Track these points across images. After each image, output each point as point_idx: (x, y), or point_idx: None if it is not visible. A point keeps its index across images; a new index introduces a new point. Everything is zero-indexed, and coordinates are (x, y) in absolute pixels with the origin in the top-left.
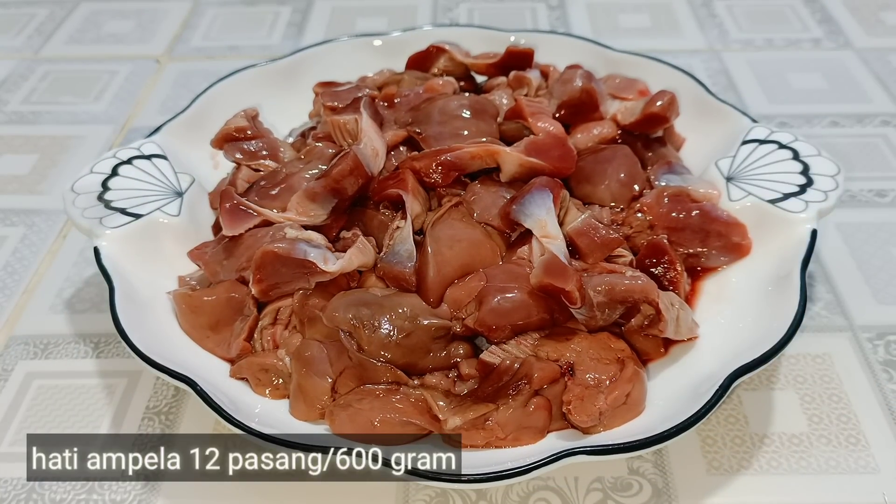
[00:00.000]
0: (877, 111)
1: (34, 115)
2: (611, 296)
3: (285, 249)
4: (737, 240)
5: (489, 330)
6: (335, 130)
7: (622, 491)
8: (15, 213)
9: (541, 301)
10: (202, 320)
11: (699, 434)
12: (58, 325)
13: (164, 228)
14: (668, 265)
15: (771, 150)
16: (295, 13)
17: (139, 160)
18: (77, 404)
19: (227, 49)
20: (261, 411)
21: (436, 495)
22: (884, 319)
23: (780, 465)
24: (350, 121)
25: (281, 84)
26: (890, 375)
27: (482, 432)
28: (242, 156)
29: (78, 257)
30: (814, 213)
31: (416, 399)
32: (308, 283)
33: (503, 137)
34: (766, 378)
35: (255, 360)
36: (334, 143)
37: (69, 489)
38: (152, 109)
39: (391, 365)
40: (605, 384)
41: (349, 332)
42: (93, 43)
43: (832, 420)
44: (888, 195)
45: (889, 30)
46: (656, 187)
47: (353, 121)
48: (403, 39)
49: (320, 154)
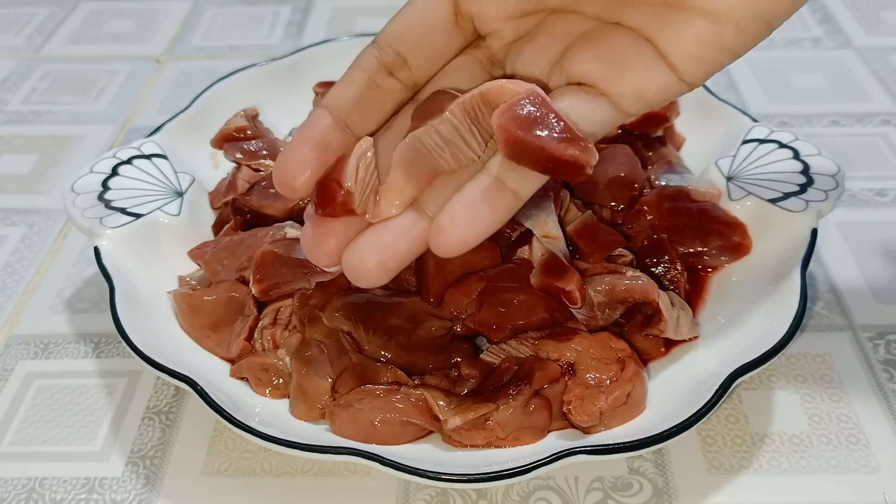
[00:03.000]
0: (877, 110)
1: (34, 114)
2: (611, 296)
3: (285, 249)
4: (737, 239)
5: (489, 330)
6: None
7: (622, 490)
8: (15, 212)
9: (541, 301)
10: (202, 320)
11: (699, 433)
12: (58, 324)
13: (165, 228)
14: (668, 265)
15: (771, 149)
16: (295, 13)
17: (139, 160)
18: (77, 404)
19: (227, 49)
20: (261, 411)
21: (436, 495)
22: (884, 319)
23: (781, 465)
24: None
25: (281, 84)
26: (890, 375)
27: (482, 432)
28: (243, 155)
29: (78, 257)
30: (814, 212)
31: (416, 399)
32: (308, 283)
33: None
34: (766, 377)
35: (255, 359)
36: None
37: (69, 489)
38: (152, 109)
39: (391, 365)
40: (606, 384)
41: (349, 333)
42: (93, 43)
43: (832, 420)
44: (888, 194)
45: (889, 29)
46: (657, 187)
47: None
48: None
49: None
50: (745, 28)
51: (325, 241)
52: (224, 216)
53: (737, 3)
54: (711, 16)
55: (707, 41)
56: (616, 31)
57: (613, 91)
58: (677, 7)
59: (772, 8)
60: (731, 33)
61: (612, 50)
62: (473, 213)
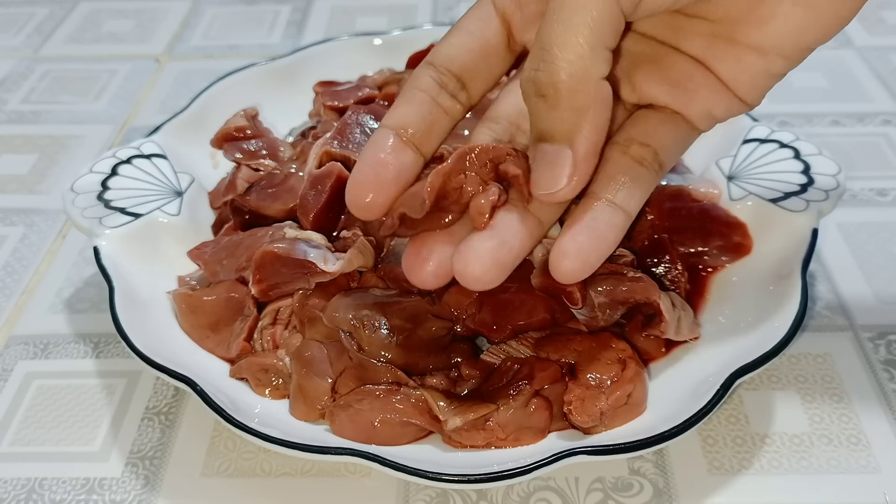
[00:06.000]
0: (878, 110)
1: (34, 114)
2: (612, 296)
3: (285, 249)
4: (738, 239)
5: (489, 330)
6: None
7: (623, 491)
8: (15, 212)
9: (541, 301)
10: (202, 320)
11: (700, 434)
12: (57, 325)
13: (164, 228)
14: (669, 265)
15: (772, 149)
16: (295, 12)
17: (139, 159)
18: (77, 404)
19: (227, 48)
20: (261, 411)
21: (436, 495)
22: (885, 319)
23: (781, 465)
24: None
25: (281, 83)
26: (891, 375)
27: (483, 433)
28: (242, 155)
29: (78, 257)
30: (815, 212)
31: (416, 399)
32: (308, 283)
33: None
34: (767, 378)
35: (255, 360)
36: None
37: (69, 489)
38: (152, 109)
39: (391, 365)
40: (607, 384)
41: (349, 333)
42: (92, 42)
43: (833, 420)
44: (889, 194)
45: (890, 28)
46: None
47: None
48: (404, 38)
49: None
50: (791, 57)
51: (426, 258)
52: (223, 216)
53: (785, 40)
54: (760, 51)
55: (757, 72)
56: (676, 57)
57: (686, 112)
58: (727, 40)
59: (817, 39)
60: (778, 63)
61: (678, 75)
62: (595, 235)
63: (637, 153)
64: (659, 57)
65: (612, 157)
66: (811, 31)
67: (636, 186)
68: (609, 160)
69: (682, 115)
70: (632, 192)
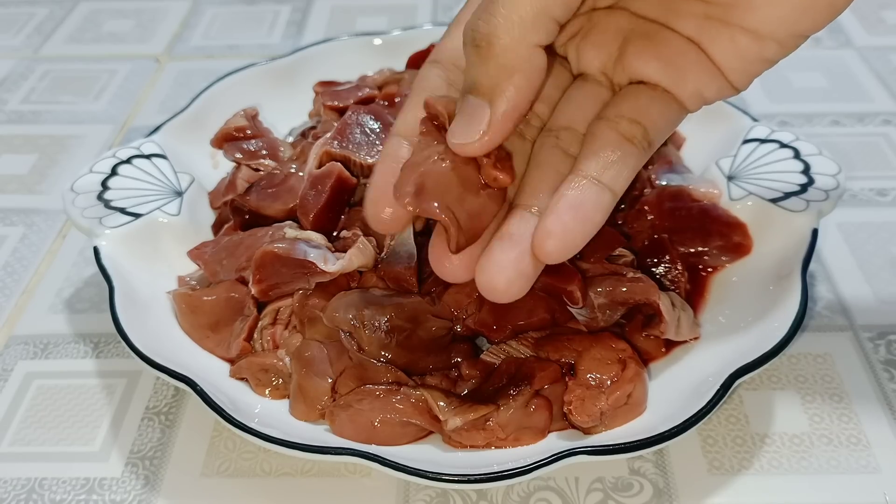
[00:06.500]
0: (878, 110)
1: (34, 114)
2: (612, 297)
3: (285, 249)
4: (738, 239)
5: (489, 330)
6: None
7: (623, 491)
8: (14, 212)
9: (541, 301)
10: (202, 320)
11: (700, 434)
12: (58, 325)
13: (164, 228)
14: (669, 265)
15: (772, 149)
16: (295, 12)
17: (139, 159)
18: (77, 404)
19: (227, 48)
20: (261, 411)
21: (436, 495)
22: (885, 319)
23: (781, 465)
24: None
25: (281, 83)
26: (891, 375)
27: (483, 433)
28: (242, 155)
29: (78, 257)
30: (815, 212)
31: (416, 399)
32: (308, 283)
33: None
34: (767, 378)
35: (255, 360)
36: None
37: (69, 489)
38: (152, 109)
39: (391, 365)
40: (607, 384)
41: (349, 333)
42: (92, 42)
43: (833, 420)
44: (889, 194)
45: (890, 28)
46: (657, 186)
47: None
48: (404, 38)
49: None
50: (785, 43)
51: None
52: (223, 216)
53: (780, 25)
54: (754, 34)
55: (750, 56)
56: (670, 35)
57: (676, 91)
58: (721, 21)
59: (813, 25)
60: (772, 48)
61: (671, 53)
62: (580, 215)
63: (627, 130)
64: (652, 33)
65: (601, 132)
66: (806, 18)
67: (624, 165)
68: (597, 135)
69: (673, 94)
70: (619, 170)
